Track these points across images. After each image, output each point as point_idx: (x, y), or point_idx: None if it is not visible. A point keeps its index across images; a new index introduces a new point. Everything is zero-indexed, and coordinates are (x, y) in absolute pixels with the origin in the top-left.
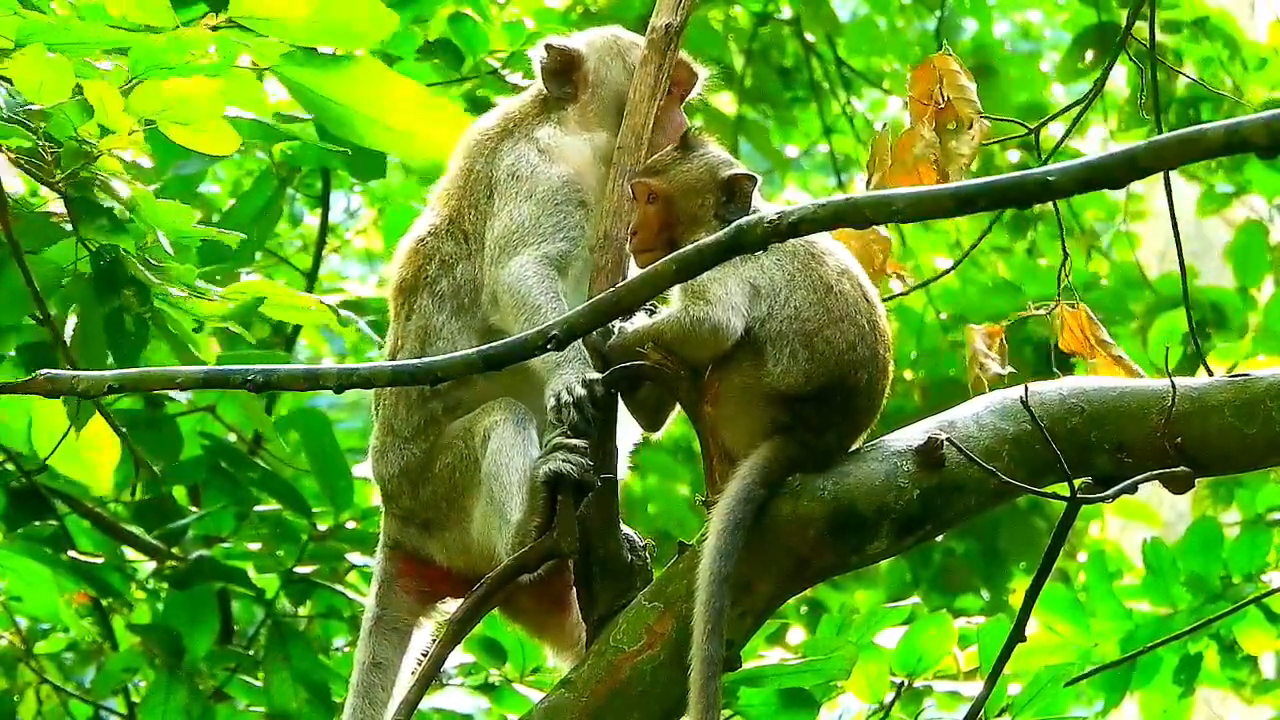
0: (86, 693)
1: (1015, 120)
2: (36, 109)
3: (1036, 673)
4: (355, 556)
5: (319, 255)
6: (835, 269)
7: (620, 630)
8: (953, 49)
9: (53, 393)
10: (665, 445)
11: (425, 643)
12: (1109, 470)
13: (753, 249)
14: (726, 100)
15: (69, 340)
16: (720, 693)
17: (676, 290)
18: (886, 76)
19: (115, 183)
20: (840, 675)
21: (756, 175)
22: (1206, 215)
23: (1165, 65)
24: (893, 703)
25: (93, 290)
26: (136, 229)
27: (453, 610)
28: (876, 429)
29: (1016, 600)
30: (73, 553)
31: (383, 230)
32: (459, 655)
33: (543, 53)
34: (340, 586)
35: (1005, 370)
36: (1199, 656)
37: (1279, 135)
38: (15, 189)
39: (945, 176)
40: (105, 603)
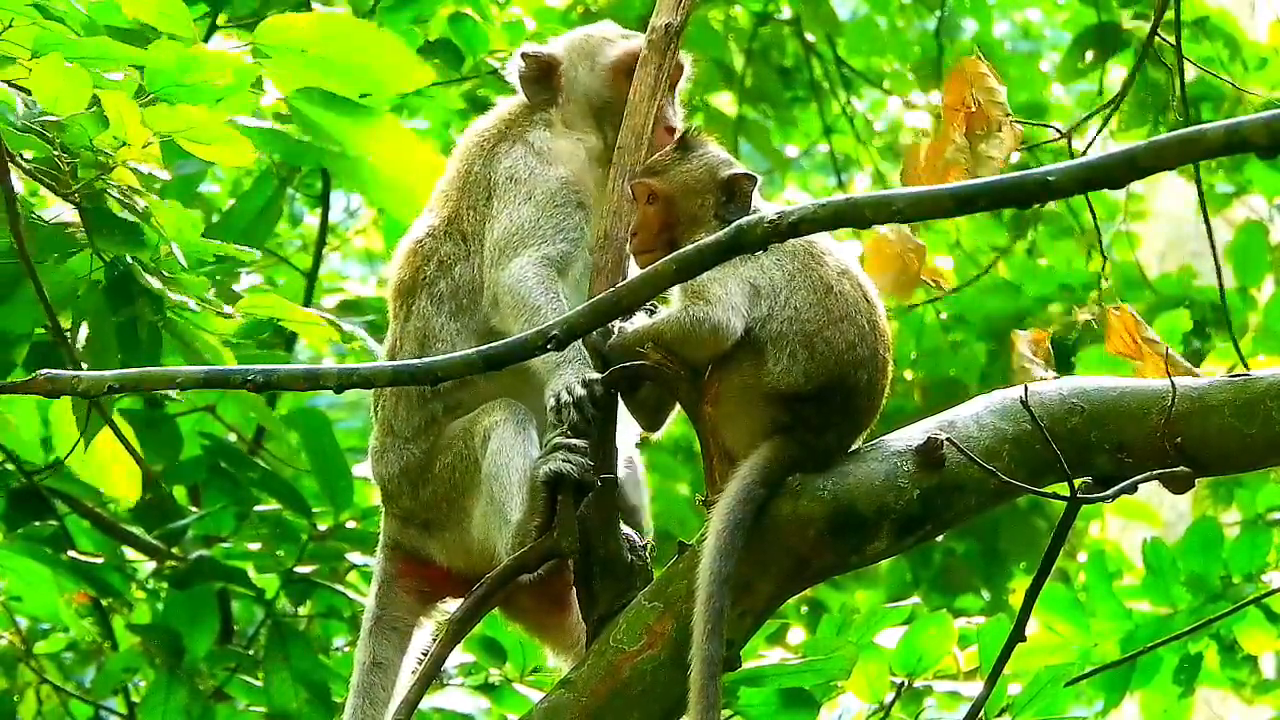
0: (86, 693)
1: (1048, 125)
2: (53, 119)
3: (1036, 673)
4: (355, 556)
5: (319, 255)
6: (835, 269)
7: (620, 630)
8: (952, 49)
9: (53, 393)
10: (665, 445)
11: (425, 643)
12: (1109, 470)
13: (753, 249)
14: (726, 100)
15: (81, 349)
16: (720, 693)
17: (676, 290)
18: (886, 76)
19: (131, 193)
20: (840, 675)
21: (756, 175)
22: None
23: (1194, 64)
24: (893, 703)
25: (105, 300)
26: (151, 240)
27: (453, 610)
28: (876, 429)
29: (1016, 600)
30: (73, 553)
31: (383, 230)
32: (459, 655)
33: (520, 62)
34: (340, 586)
35: (1049, 374)
36: (1199, 656)
37: (1279, 135)
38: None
39: None
40: (105, 603)
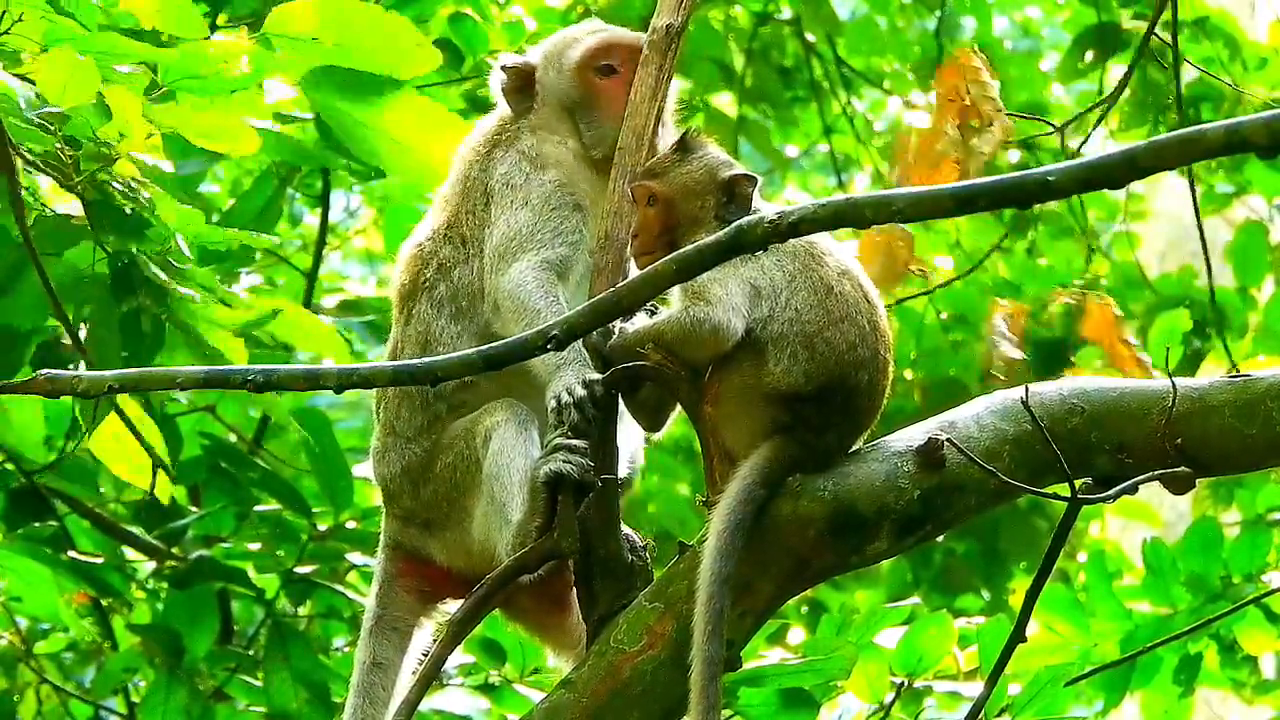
0: (86, 693)
1: (1040, 118)
2: (57, 111)
3: (1036, 673)
4: (355, 556)
5: (319, 255)
6: (836, 269)
7: (621, 630)
8: (952, 49)
9: (53, 393)
10: (665, 445)
11: (426, 643)
12: (1109, 470)
13: (753, 249)
14: (726, 100)
15: (84, 342)
16: (721, 693)
17: (677, 291)
18: (886, 76)
19: (135, 185)
20: (840, 675)
21: (756, 176)
22: (1206, 215)
23: (1193, 64)
24: (893, 703)
25: (109, 292)
26: (156, 232)
27: (453, 610)
28: (877, 429)
29: (1016, 600)
30: (73, 553)
31: (383, 230)
32: (459, 655)
33: (501, 75)
34: (340, 586)
35: (1018, 355)
36: (1199, 656)
37: (1279, 135)
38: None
39: (967, 174)
40: (105, 603)
